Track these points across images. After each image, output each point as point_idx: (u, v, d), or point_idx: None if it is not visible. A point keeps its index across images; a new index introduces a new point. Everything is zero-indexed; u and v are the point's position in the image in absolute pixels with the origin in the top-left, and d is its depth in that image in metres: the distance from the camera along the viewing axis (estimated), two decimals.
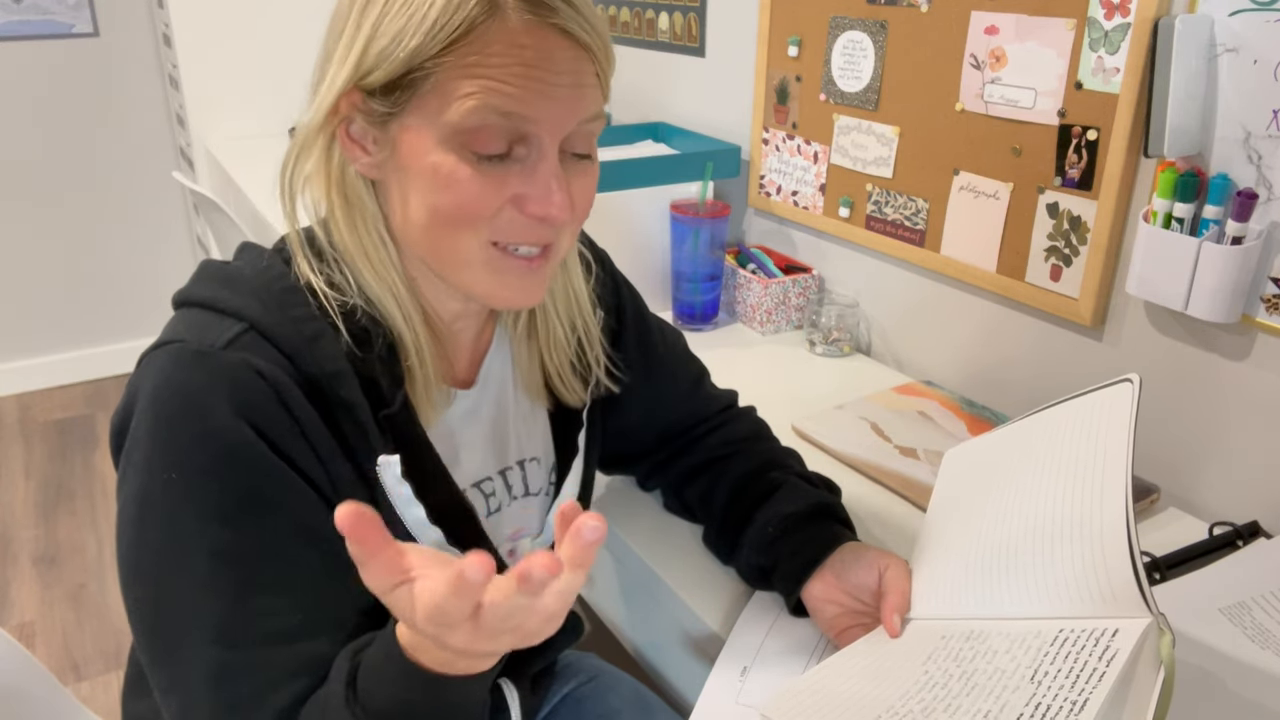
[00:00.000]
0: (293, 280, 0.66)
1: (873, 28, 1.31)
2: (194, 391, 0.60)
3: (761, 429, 0.98)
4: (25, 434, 2.77)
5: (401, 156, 0.64)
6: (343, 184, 0.67)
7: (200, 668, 0.60)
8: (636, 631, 1.05)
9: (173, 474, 0.60)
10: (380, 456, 0.67)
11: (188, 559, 0.60)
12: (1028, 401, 1.18)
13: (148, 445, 0.61)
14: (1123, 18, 1.00)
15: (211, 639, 0.60)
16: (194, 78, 2.52)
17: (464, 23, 0.59)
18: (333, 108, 0.64)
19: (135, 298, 3.04)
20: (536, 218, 0.65)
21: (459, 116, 0.61)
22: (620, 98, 1.97)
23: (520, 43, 0.60)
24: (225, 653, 0.60)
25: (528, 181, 0.64)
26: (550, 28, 0.61)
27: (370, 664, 0.58)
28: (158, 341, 0.64)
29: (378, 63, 0.61)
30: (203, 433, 0.60)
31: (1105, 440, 0.70)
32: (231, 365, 0.61)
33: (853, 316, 1.43)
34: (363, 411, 0.65)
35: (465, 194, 0.63)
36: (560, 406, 0.82)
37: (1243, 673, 0.75)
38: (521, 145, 0.63)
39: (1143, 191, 1.03)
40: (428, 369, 0.70)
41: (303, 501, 0.63)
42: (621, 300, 0.90)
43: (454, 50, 0.59)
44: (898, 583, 0.77)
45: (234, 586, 0.61)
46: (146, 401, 0.61)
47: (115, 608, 2.06)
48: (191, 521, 0.60)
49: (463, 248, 0.65)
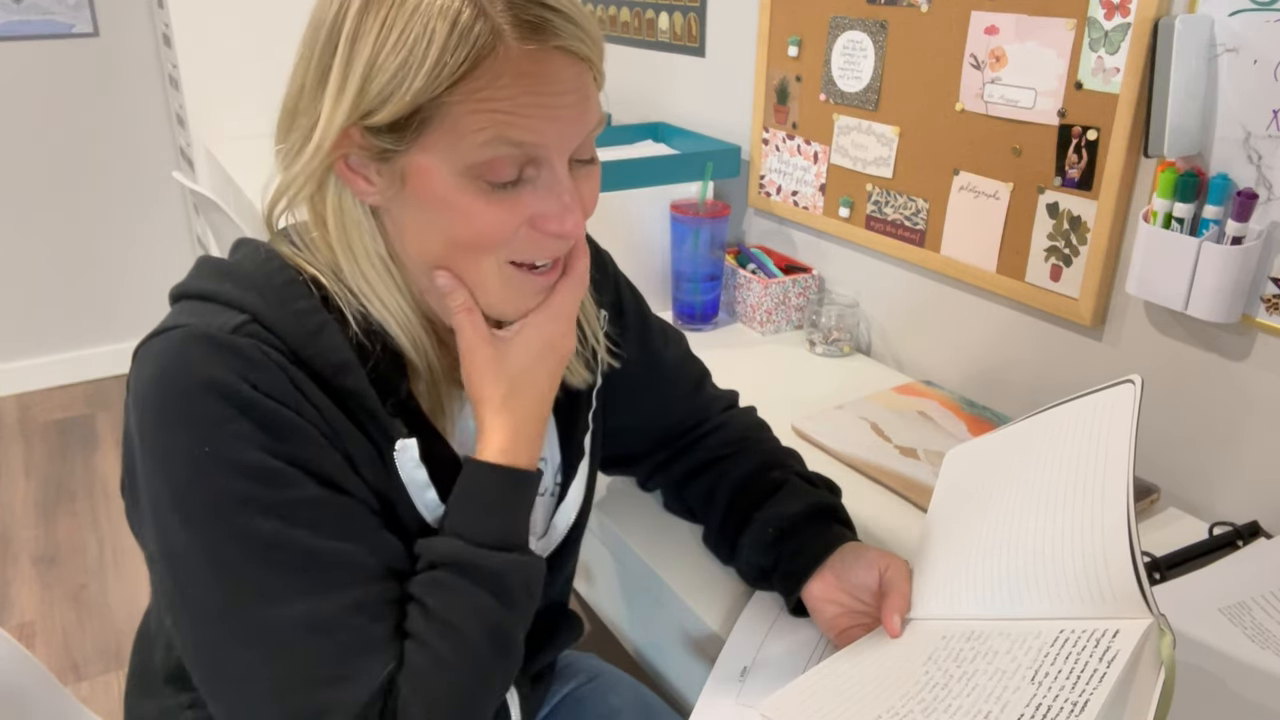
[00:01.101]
0: (293, 274, 0.66)
1: (873, 28, 1.31)
2: (207, 367, 0.60)
3: (762, 429, 0.98)
4: (25, 434, 2.77)
5: (411, 190, 0.63)
6: (340, 213, 0.66)
7: (294, 625, 0.59)
8: (636, 632, 1.05)
9: (205, 447, 0.59)
10: (398, 441, 0.67)
11: (250, 526, 0.59)
12: (1028, 402, 1.18)
13: (169, 428, 0.59)
14: (1123, 18, 1.00)
15: (300, 592, 0.59)
16: (194, 78, 2.53)
17: (469, 58, 0.58)
18: (332, 146, 0.62)
19: (135, 298, 3.04)
20: (554, 235, 0.65)
21: (473, 151, 0.60)
22: (620, 98, 1.97)
23: (525, 70, 0.59)
24: (318, 603, 0.60)
25: (542, 200, 0.64)
26: (553, 50, 0.60)
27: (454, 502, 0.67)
28: (156, 330, 0.63)
29: (380, 101, 0.59)
30: (227, 401, 0.59)
31: (1107, 441, 0.70)
32: (241, 345, 0.61)
33: (853, 316, 1.43)
34: (371, 400, 0.65)
35: (482, 224, 0.63)
36: (565, 400, 0.82)
37: (1243, 673, 0.75)
38: (531, 167, 0.63)
39: (1143, 191, 1.03)
40: (437, 377, 0.71)
41: (333, 462, 0.63)
42: (622, 301, 0.90)
43: (461, 86, 0.58)
44: (898, 583, 0.77)
45: (304, 540, 0.60)
46: (156, 385, 0.60)
47: (115, 608, 2.06)
48: (240, 488, 0.59)
49: (482, 270, 0.66)
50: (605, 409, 0.89)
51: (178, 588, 0.61)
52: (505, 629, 0.66)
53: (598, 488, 0.94)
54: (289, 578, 0.60)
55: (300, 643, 0.59)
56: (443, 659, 0.63)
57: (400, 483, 0.68)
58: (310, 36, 0.63)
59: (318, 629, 0.60)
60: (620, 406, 0.90)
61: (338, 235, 0.66)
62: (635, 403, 0.91)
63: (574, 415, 0.83)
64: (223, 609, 0.60)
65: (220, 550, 0.59)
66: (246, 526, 0.59)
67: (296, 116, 0.65)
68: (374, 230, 0.67)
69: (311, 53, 0.63)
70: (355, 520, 0.64)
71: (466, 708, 0.64)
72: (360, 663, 0.60)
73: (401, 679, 0.62)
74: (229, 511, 0.59)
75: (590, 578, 1.15)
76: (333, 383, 0.64)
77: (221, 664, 0.61)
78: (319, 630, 0.60)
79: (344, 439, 0.64)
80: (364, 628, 0.61)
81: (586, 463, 0.84)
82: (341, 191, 0.66)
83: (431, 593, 0.64)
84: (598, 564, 1.12)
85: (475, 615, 0.64)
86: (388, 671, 0.61)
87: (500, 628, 0.65)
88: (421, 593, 0.64)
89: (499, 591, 0.65)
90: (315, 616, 0.60)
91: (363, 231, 0.66)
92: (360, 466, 0.65)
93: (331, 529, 0.62)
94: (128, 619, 2.03)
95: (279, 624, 0.59)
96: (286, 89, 0.66)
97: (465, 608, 0.64)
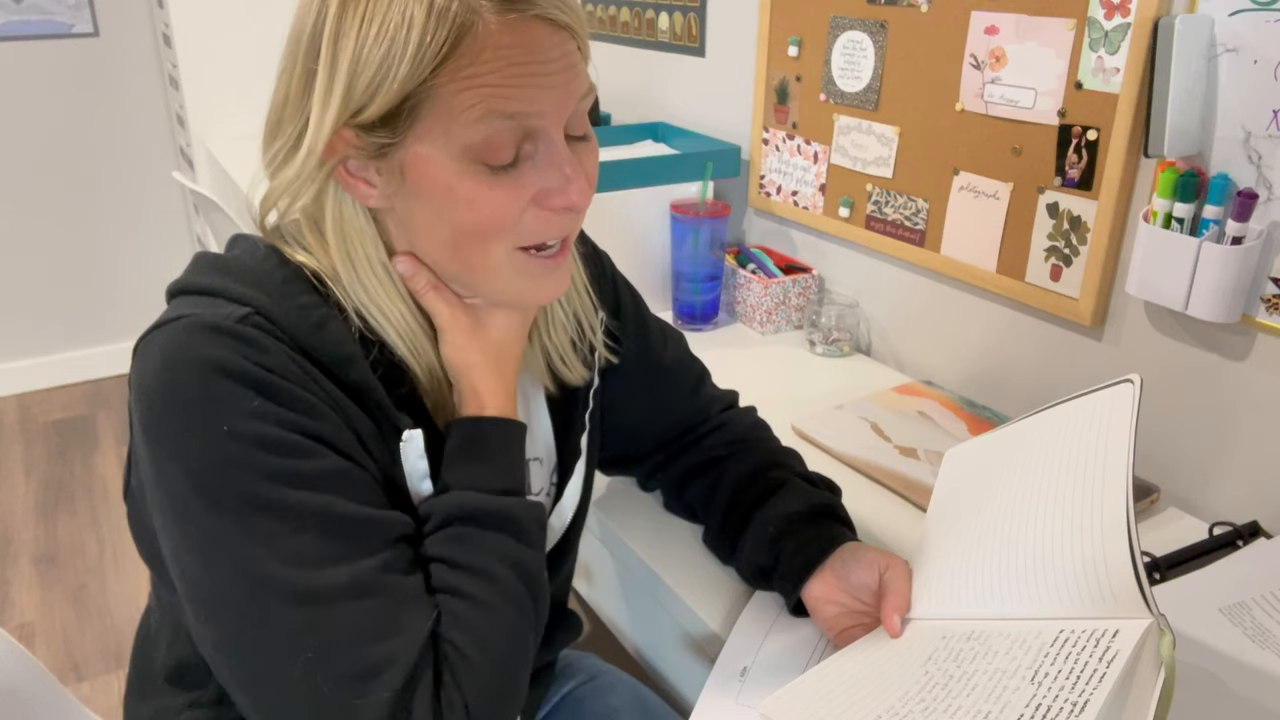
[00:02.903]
0: (293, 269, 0.66)
1: (873, 28, 1.31)
2: (215, 350, 0.59)
3: (762, 429, 0.98)
4: (25, 434, 2.77)
5: (412, 183, 0.63)
6: (340, 221, 0.66)
7: (337, 589, 0.59)
8: (636, 631, 1.05)
9: (223, 426, 0.58)
10: (405, 431, 0.67)
11: (279, 498, 0.59)
12: (1028, 401, 1.18)
13: (181, 414, 0.59)
14: (1123, 18, 1.00)
15: (338, 557, 0.59)
16: (194, 78, 2.53)
17: (449, 37, 0.58)
18: (325, 150, 0.62)
19: (135, 297, 3.04)
20: (561, 208, 0.65)
21: (466, 130, 0.60)
22: (620, 98, 1.97)
23: (506, 42, 0.59)
24: (356, 566, 0.60)
25: (544, 176, 0.64)
26: (531, 19, 0.60)
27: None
28: (157, 323, 0.63)
29: (369, 96, 0.59)
30: (238, 380, 0.59)
31: (1106, 440, 0.70)
32: (247, 333, 0.61)
33: (853, 316, 1.43)
34: (377, 392, 0.66)
35: (488, 207, 0.63)
36: (562, 400, 0.82)
37: (1243, 673, 0.75)
38: (528, 142, 0.63)
39: (1143, 191, 1.03)
40: (439, 381, 0.72)
41: (346, 439, 0.64)
42: (621, 301, 0.90)
43: (446, 67, 0.59)
44: (898, 583, 0.77)
45: (333, 506, 0.60)
46: (163, 374, 0.59)
47: (115, 608, 2.06)
48: (263, 462, 0.59)
49: (492, 258, 0.66)
50: (604, 410, 0.89)
51: (209, 576, 0.59)
52: (529, 566, 0.67)
53: (597, 487, 0.94)
54: (325, 544, 0.60)
55: (346, 605, 0.59)
56: (484, 602, 0.63)
57: (402, 470, 0.68)
58: (291, 48, 0.63)
59: (360, 590, 0.59)
60: (620, 407, 0.90)
61: (337, 244, 0.66)
62: (634, 403, 0.91)
63: (570, 416, 0.83)
64: (256, 584, 0.58)
65: (249, 526, 0.58)
66: (274, 498, 0.59)
67: (282, 125, 0.64)
68: (376, 237, 0.67)
69: (294, 62, 0.63)
70: (373, 489, 0.65)
71: (515, 644, 0.65)
72: (406, 616, 0.61)
73: (446, 628, 0.62)
74: (256, 487, 0.59)
75: (590, 577, 1.15)
76: (338, 375, 0.65)
77: (264, 645, 0.59)
78: (362, 591, 0.60)
79: (354, 422, 0.65)
80: (401, 584, 0.62)
81: (583, 463, 0.84)
82: (341, 200, 0.65)
83: (452, 548, 0.65)
84: (598, 564, 1.12)
85: (501, 558, 0.66)
86: (432, 620, 0.62)
87: (525, 566, 0.67)
88: (442, 550, 0.65)
89: (518, 532, 0.67)
90: (356, 578, 0.59)
91: (365, 239, 0.66)
92: (370, 448, 0.66)
93: (355, 495, 0.62)
94: (128, 619, 2.03)
95: (322, 590, 0.59)
96: (271, 98, 0.65)
97: (490, 552, 0.65)
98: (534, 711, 0.93)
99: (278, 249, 0.68)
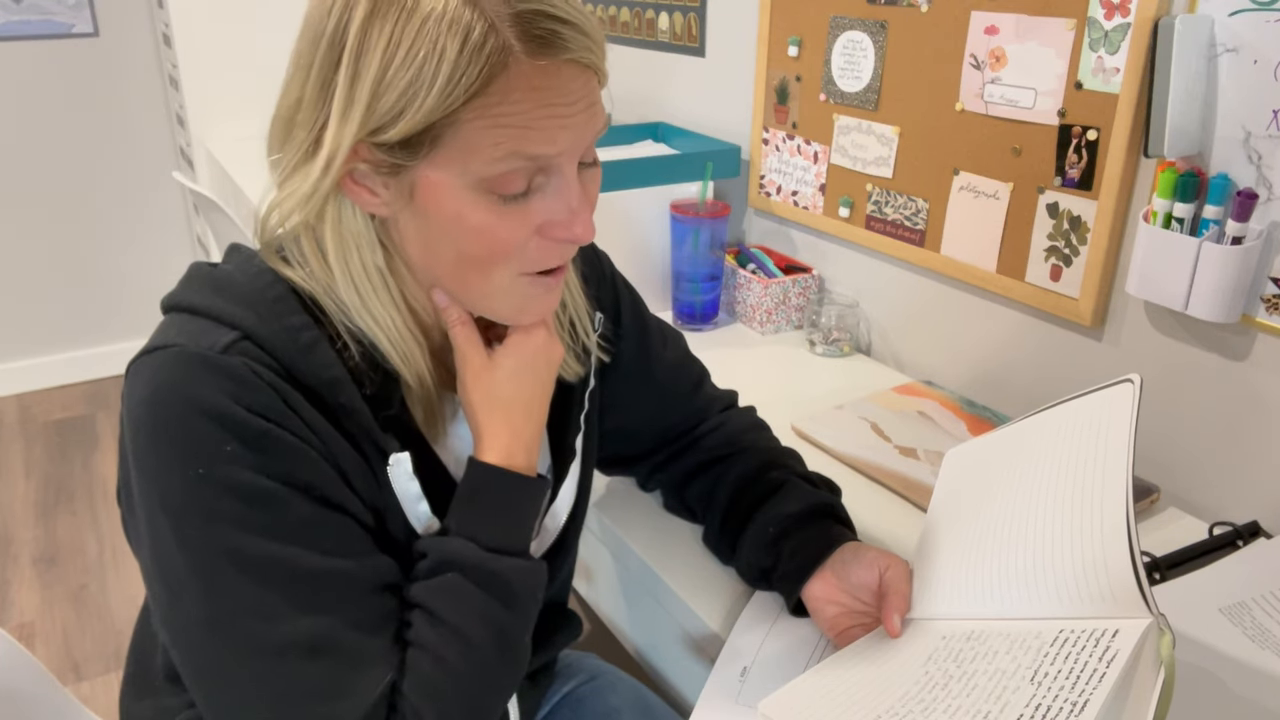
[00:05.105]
0: (285, 288, 0.66)
1: (873, 28, 1.31)
2: (199, 388, 0.60)
3: (762, 429, 0.98)
4: (25, 434, 2.77)
5: (420, 203, 0.63)
6: (339, 224, 0.65)
7: (288, 644, 0.59)
8: (636, 631, 1.05)
9: (199, 469, 0.59)
10: (391, 455, 0.67)
11: (243, 547, 0.59)
12: (1028, 401, 1.18)
13: (162, 449, 0.60)
14: (1123, 18, 1.00)
15: (295, 611, 0.60)
16: (194, 78, 2.52)
17: (481, 76, 0.57)
18: (344, 163, 0.61)
19: (135, 298, 3.04)
20: (565, 241, 0.65)
21: (486, 166, 0.60)
22: (620, 98, 1.97)
23: (537, 85, 0.59)
24: (313, 621, 0.60)
25: (552, 208, 0.64)
26: (563, 63, 0.60)
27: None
28: (148, 347, 0.63)
29: (391, 119, 0.58)
30: (219, 423, 0.59)
31: (1106, 440, 0.70)
32: (232, 366, 0.61)
33: (853, 316, 1.43)
34: (364, 416, 0.65)
35: (494, 237, 0.63)
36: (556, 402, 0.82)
37: (1243, 673, 0.75)
38: (541, 174, 0.63)
39: (1143, 191, 1.03)
40: (429, 390, 0.71)
41: (327, 478, 0.63)
42: (620, 302, 0.90)
43: (474, 103, 0.58)
44: (898, 583, 0.77)
45: (298, 560, 0.60)
46: (148, 406, 0.60)
47: (115, 608, 2.06)
48: (233, 510, 0.59)
49: (492, 282, 0.66)
50: (601, 410, 0.89)
51: (172, 602, 0.61)
52: (511, 634, 0.67)
53: (596, 487, 0.94)
54: (283, 597, 0.60)
55: (296, 661, 0.60)
56: (454, 667, 0.63)
57: (393, 496, 0.68)
58: (307, 48, 0.62)
59: (313, 647, 0.60)
60: (619, 407, 0.90)
61: (334, 246, 0.65)
62: (634, 403, 0.91)
63: (565, 416, 0.82)
64: (216, 628, 0.60)
65: (214, 570, 0.59)
66: (240, 547, 0.59)
67: (294, 128, 0.63)
68: (373, 242, 0.66)
69: (310, 64, 0.61)
70: (349, 537, 0.64)
71: (475, 712, 0.65)
72: (356, 678, 0.61)
73: (409, 686, 0.62)
74: (222, 533, 0.59)
75: (590, 577, 1.15)
76: (325, 399, 0.64)
77: (216, 683, 0.61)
78: (314, 648, 0.60)
79: (337, 455, 0.64)
80: (359, 643, 0.62)
81: (578, 464, 0.84)
82: (342, 203, 0.65)
83: (438, 598, 0.65)
84: (598, 564, 1.12)
85: (483, 621, 0.65)
86: (386, 683, 0.62)
87: (506, 632, 0.66)
88: (427, 599, 0.65)
89: (506, 597, 0.66)
90: (310, 634, 0.60)
91: (362, 243, 0.66)
92: (353, 481, 0.65)
93: (325, 546, 0.62)
94: (128, 619, 2.03)
95: (273, 643, 0.59)
96: (281, 98, 0.64)
97: (473, 613, 0.65)
98: (534, 711, 0.93)
99: (271, 267, 0.66)
